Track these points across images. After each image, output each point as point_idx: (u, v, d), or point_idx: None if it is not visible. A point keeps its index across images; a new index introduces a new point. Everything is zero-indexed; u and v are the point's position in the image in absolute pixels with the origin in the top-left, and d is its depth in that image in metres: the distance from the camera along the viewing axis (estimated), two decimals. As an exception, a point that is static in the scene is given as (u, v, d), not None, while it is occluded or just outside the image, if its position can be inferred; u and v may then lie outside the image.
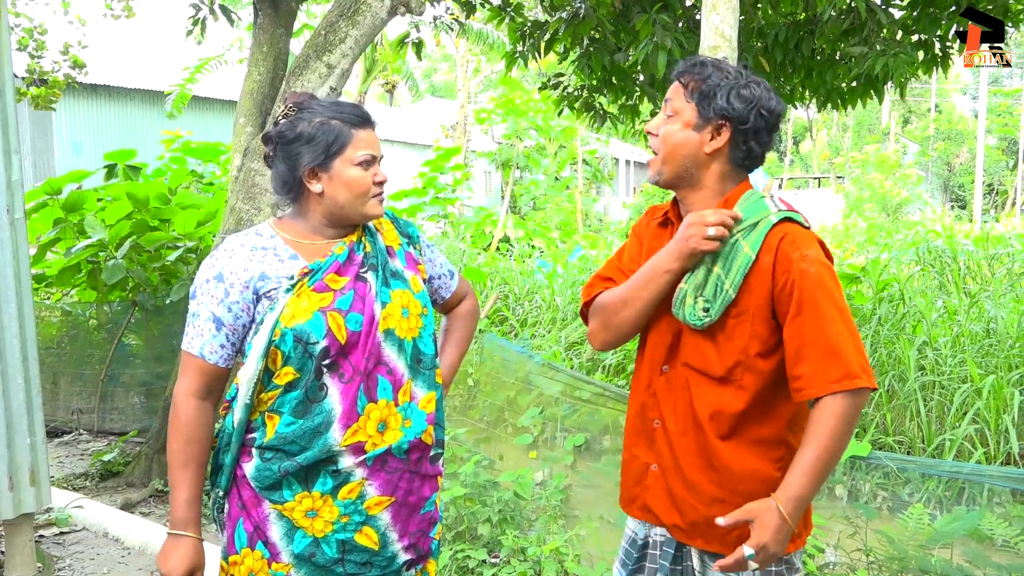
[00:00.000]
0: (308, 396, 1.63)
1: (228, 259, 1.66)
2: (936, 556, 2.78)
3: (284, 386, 1.64)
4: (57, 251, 6.52)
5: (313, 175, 1.68)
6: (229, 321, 1.65)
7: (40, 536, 3.90)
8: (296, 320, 1.60)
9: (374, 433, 1.66)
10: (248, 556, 1.66)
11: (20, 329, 3.02)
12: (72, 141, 16.59)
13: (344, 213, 1.70)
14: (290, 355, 1.61)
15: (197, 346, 1.66)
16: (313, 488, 1.65)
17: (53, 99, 8.28)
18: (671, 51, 4.77)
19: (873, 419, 4.69)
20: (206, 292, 1.66)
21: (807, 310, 1.53)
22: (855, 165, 26.23)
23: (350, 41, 4.68)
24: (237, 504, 1.69)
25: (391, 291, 1.71)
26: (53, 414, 6.13)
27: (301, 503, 1.65)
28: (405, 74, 18.74)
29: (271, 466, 1.65)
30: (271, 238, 1.71)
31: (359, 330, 1.64)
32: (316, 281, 1.65)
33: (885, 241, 11.67)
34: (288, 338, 1.60)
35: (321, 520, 1.65)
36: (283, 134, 1.68)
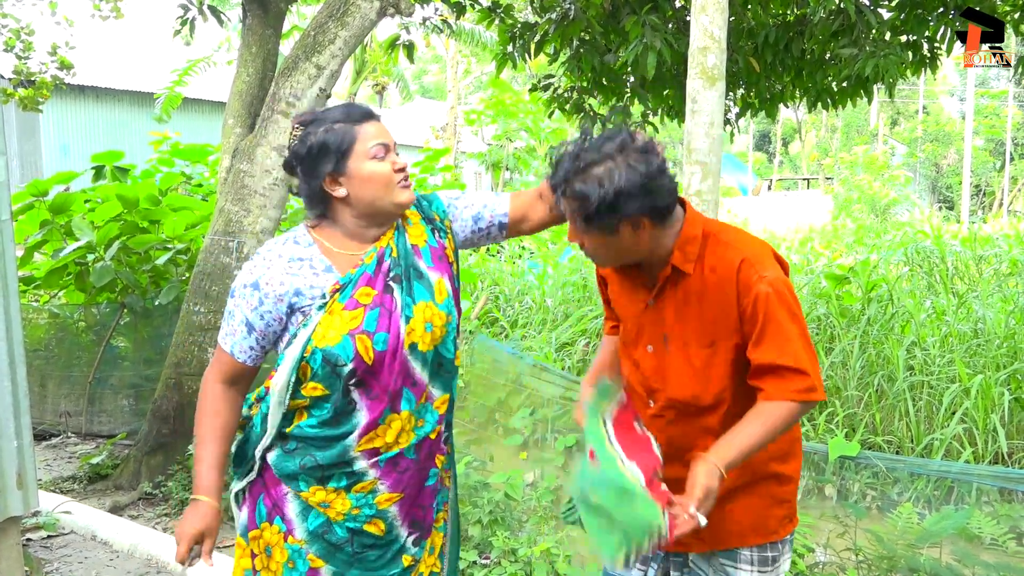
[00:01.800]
0: (337, 411, 1.70)
1: (266, 269, 1.71)
2: (925, 555, 2.80)
3: (312, 399, 1.71)
4: (45, 253, 6.47)
5: (333, 182, 1.70)
6: (260, 328, 1.72)
7: (27, 540, 3.87)
8: (326, 342, 1.65)
9: (392, 440, 1.74)
10: (267, 530, 1.75)
11: (7, 331, 3.00)
12: (60, 143, 16.50)
13: (376, 208, 1.72)
14: (318, 373, 1.67)
15: (229, 344, 1.75)
16: (328, 485, 1.73)
17: (40, 100, 8.23)
18: (661, 52, 4.78)
19: (862, 419, 4.71)
20: (242, 296, 1.72)
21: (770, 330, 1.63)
22: (844, 166, 26.35)
23: (339, 42, 4.67)
24: (259, 482, 1.78)
25: (414, 305, 1.73)
26: (41, 417, 6.09)
27: (315, 495, 1.73)
28: (395, 76, 18.73)
29: (292, 459, 1.73)
30: (308, 247, 1.74)
31: (385, 350, 1.69)
32: (347, 297, 1.69)
33: (874, 242, 11.72)
34: (318, 357, 1.66)
35: (333, 510, 1.74)
36: (297, 154, 1.72)
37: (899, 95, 35.38)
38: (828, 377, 5.02)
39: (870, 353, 5.05)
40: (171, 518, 4.27)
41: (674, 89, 6.22)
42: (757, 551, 1.79)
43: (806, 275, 7.40)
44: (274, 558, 1.75)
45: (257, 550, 1.77)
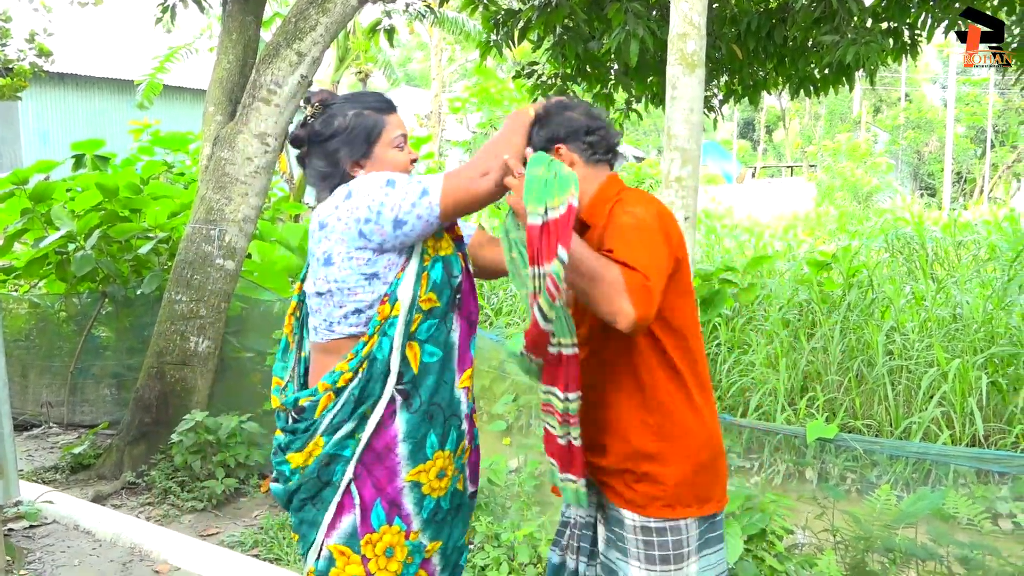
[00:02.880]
0: (447, 325, 1.76)
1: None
2: (901, 535, 2.84)
3: (425, 312, 1.72)
4: (25, 242, 6.42)
5: (356, 164, 1.77)
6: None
7: (9, 529, 3.85)
8: (445, 251, 1.75)
9: (470, 385, 1.82)
10: (387, 532, 1.73)
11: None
12: (39, 131, 16.32)
13: None
14: (436, 282, 1.73)
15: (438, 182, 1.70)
16: (447, 446, 1.76)
17: (19, 88, 8.14)
18: (644, 39, 4.78)
19: (842, 403, 4.76)
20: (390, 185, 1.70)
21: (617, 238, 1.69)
22: (827, 154, 26.49)
23: (320, 28, 4.64)
24: (371, 485, 1.71)
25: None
26: (22, 407, 6.05)
27: (436, 463, 1.75)
28: (381, 62, 18.57)
29: (421, 418, 1.72)
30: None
31: (463, 275, 1.81)
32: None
33: (856, 229, 11.81)
34: (439, 265, 1.73)
35: (447, 479, 1.78)
36: (319, 133, 1.77)
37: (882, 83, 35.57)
38: (809, 362, 5.08)
39: (850, 338, 5.11)
40: (154, 507, 4.26)
41: (657, 76, 6.24)
42: (640, 520, 1.77)
43: (788, 261, 7.45)
44: (395, 558, 1.73)
45: (373, 554, 1.72)
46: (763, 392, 4.84)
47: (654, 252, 1.63)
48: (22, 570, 3.49)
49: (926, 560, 2.80)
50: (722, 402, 5.15)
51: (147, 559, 3.63)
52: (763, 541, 2.79)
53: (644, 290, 1.55)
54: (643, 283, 1.56)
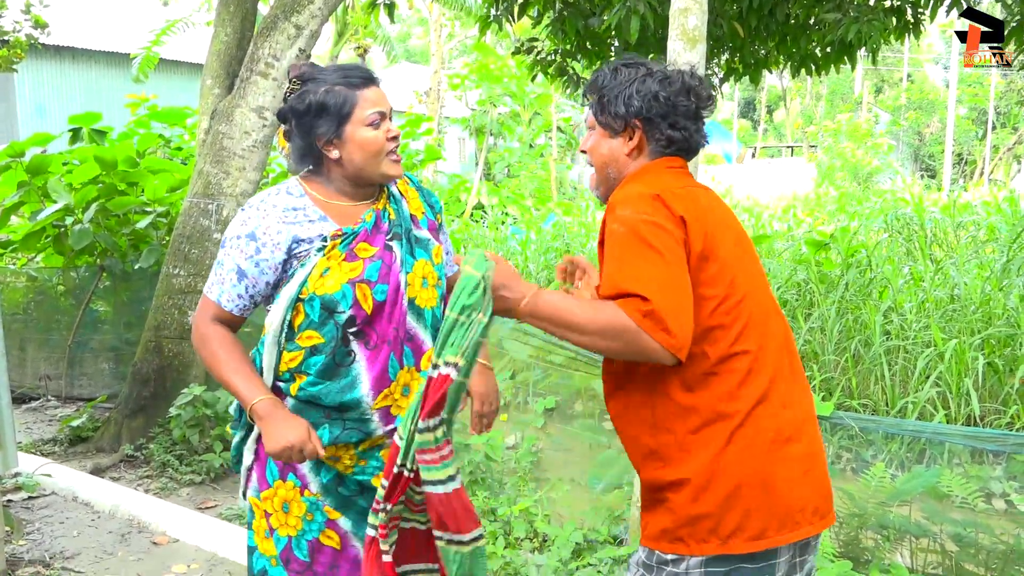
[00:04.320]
0: (336, 361, 1.71)
1: (261, 219, 1.72)
2: (895, 512, 2.86)
3: (308, 349, 1.71)
4: (22, 216, 6.39)
5: (328, 144, 1.73)
6: (253, 275, 1.72)
7: (8, 501, 3.87)
8: (325, 289, 1.68)
9: (399, 397, 1.77)
10: (281, 487, 1.78)
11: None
12: (35, 104, 16.21)
13: (364, 174, 1.76)
14: (313, 320, 1.69)
15: (216, 293, 1.75)
16: (339, 441, 1.75)
17: (15, 60, 8.06)
18: (644, 16, 4.74)
19: (839, 383, 4.78)
20: (236, 247, 1.72)
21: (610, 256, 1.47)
22: (827, 134, 26.37)
23: (319, 2, 4.60)
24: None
25: (415, 261, 1.79)
26: (20, 380, 6.06)
27: (332, 448, 1.77)
28: (381, 38, 18.45)
29: (313, 412, 1.74)
30: (300, 196, 1.77)
31: (385, 300, 1.72)
32: (346, 249, 1.71)
33: (855, 209, 11.79)
34: (316, 304, 1.68)
35: (342, 464, 1.78)
36: (295, 109, 1.73)
37: (884, 62, 35.35)
38: (806, 342, 5.08)
39: (848, 318, 5.11)
40: (152, 479, 4.28)
41: (658, 53, 6.18)
42: (644, 552, 1.55)
43: (787, 241, 7.45)
44: (292, 513, 1.78)
45: (272, 508, 1.78)
46: (760, 371, 4.84)
47: (646, 263, 1.39)
48: (21, 540, 3.51)
49: (920, 537, 2.82)
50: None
51: (145, 531, 3.65)
52: (758, 517, 2.81)
53: (649, 316, 1.34)
54: (640, 309, 1.34)
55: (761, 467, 1.47)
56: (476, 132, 19.52)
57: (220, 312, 1.75)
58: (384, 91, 1.79)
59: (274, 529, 1.79)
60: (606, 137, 1.64)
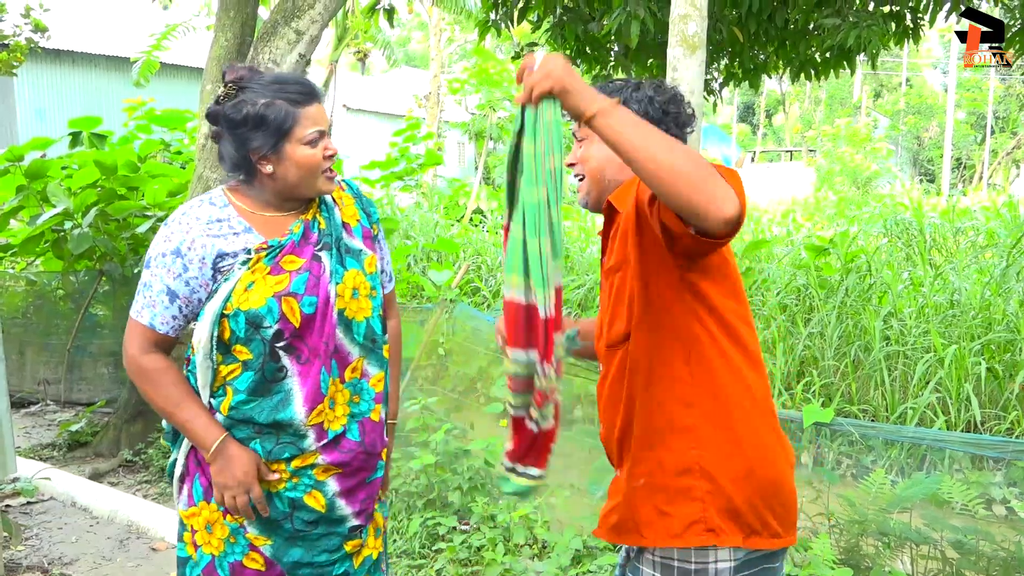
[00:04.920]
0: (266, 377, 1.66)
1: (185, 233, 1.66)
2: (895, 519, 2.85)
3: (243, 362, 1.67)
4: (21, 220, 6.39)
5: (264, 158, 1.67)
6: (185, 295, 1.66)
7: (6, 506, 3.86)
8: (249, 304, 1.62)
9: (327, 410, 1.70)
10: (204, 508, 1.72)
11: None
12: (35, 108, 16.22)
13: (297, 191, 1.71)
14: (239, 336, 1.64)
15: (147, 316, 1.68)
16: (272, 459, 1.70)
17: (15, 64, 8.07)
18: (644, 21, 4.75)
19: (839, 389, 4.77)
20: (162, 265, 1.66)
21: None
22: (826, 139, 26.41)
23: (319, 7, 4.60)
24: (194, 461, 1.74)
25: (344, 271, 1.73)
26: (19, 385, 6.05)
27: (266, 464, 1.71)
28: (381, 42, 18.46)
29: (244, 427, 1.69)
30: (224, 207, 1.71)
31: (314, 313, 1.66)
32: (272, 262, 1.66)
33: (854, 214, 11.80)
34: (240, 319, 1.62)
35: (276, 483, 1.71)
36: (229, 117, 1.65)
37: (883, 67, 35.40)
38: (806, 348, 5.08)
39: (847, 324, 5.11)
40: (151, 484, 4.28)
41: (658, 58, 6.20)
42: (660, 554, 1.50)
43: (787, 246, 7.45)
44: (215, 534, 1.73)
45: (196, 526, 1.74)
46: (760, 376, 4.84)
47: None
48: (19, 546, 3.50)
49: (920, 544, 2.81)
50: (718, 386, 5.16)
51: (144, 536, 3.64)
52: (758, 524, 2.80)
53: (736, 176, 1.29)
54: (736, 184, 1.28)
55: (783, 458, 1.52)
56: (476, 136, 19.54)
57: (155, 336, 1.68)
58: (324, 107, 1.73)
59: (199, 546, 1.75)
60: (599, 143, 1.60)
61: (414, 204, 12.06)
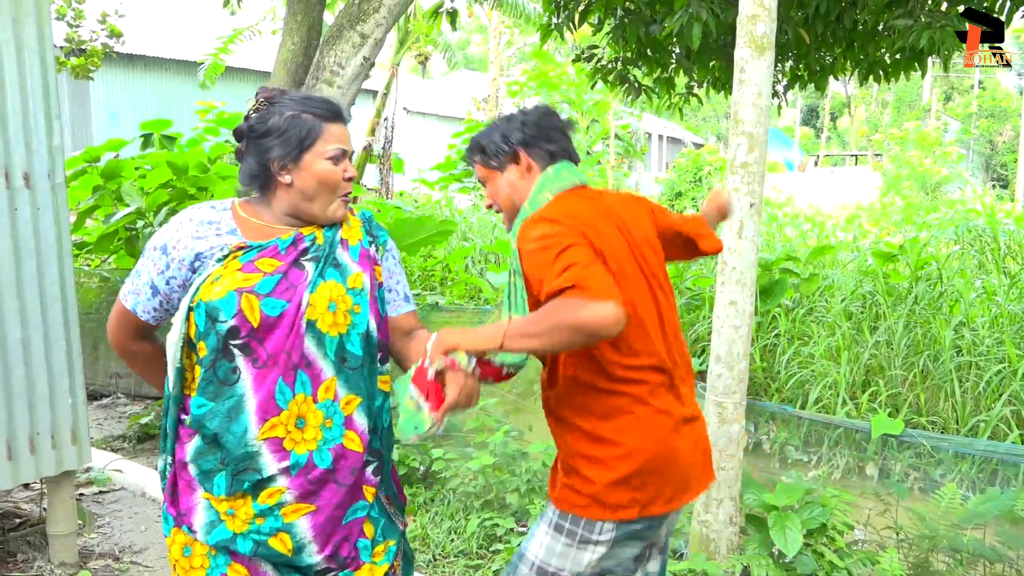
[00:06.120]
0: (219, 377, 1.61)
1: (175, 232, 1.68)
2: (969, 536, 2.76)
3: (200, 360, 1.63)
4: (96, 218, 6.62)
5: (284, 168, 1.67)
6: (164, 291, 1.69)
7: (80, 494, 4.00)
8: (210, 296, 1.59)
9: (293, 429, 1.62)
10: (178, 534, 1.68)
11: (62, 293, 3.09)
12: (109, 110, 16.79)
13: (310, 209, 1.69)
14: (200, 329, 1.61)
15: (131, 302, 1.72)
16: (235, 491, 1.62)
17: (91, 69, 8.37)
18: (706, 23, 4.69)
19: (906, 399, 4.64)
20: (150, 258, 1.69)
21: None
22: (894, 142, 25.71)
23: (384, 10, 4.66)
24: (169, 488, 1.70)
25: (322, 282, 1.66)
26: (92, 378, 6.26)
27: (222, 503, 1.63)
28: (442, 45, 18.62)
29: (208, 455, 1.64)
30: (223, 211, 1.72)
31: (277, 315, 1.60)
32: (247, 260, 1.63)
33: (923, 220, 11.45)
34: (201, 311, 1.60)
35: (238, 519, 1.63)
36: (254, 128, 1.68)
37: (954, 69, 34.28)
38: (872, 356, 4.95)
39: (916, 332, 4.96)
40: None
41: (720, 60, 6.11)
42: (554, 512, 1.82)
43: (852, 252, 7.27)
44: (196, 552, 1.67)
45: (175, 555, 1.70)
46: (823, 385, 4.74)
47: (567, 256, 1.62)
48: (92, 533, 3.63)
49: (995, 562, 2.71)
50: (780, 394, 5.06)
51: (209, 528, 3.73)
52: (823, 536, 2.74)
53: (588, 290, 1.54)
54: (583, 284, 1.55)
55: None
56: (534, 139, 19.48)
57: (137, 321, 1.73)
58: (349, 132, 1.75)
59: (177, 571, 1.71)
60: (500, 177, 1.90)
61: (472, 206, 12.12)
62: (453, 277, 7.37)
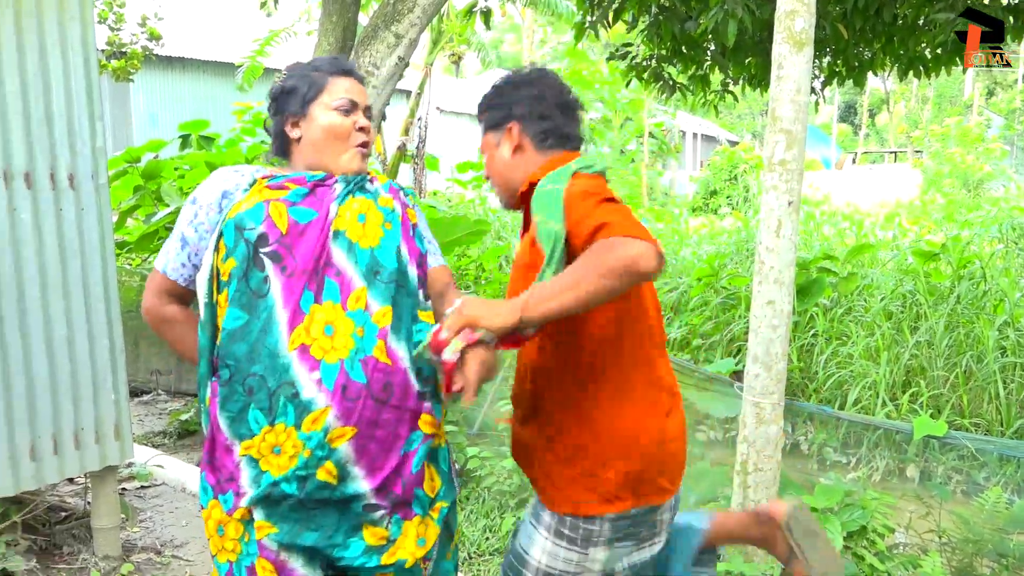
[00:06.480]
0: (251, 287, 1.59)
1: (205, 184, 1.72)
2: (1015, 540, 2.70)
3: (228, 278, 1.61)
4: (137, 218, 6.74)
5: (294, 124, 1.74)
6: (193, 241, 1.69)
7: (123, 489, 4.08)
8: (238, 210, 1.62)
9: (320, 335, 1.56)
10: (214, 508, 1.64)
11: (105, 292, 3.15)
12: (148, 112, 17.08)
13: (323, 160, 1.72)
14: (228, 245, 1.60)
15: (162, 263, 1.73)
16: (276, 420, 1.55)
17: (132, 71, 8.52)
18: (742, 19, 4.64)
19: (948, 400, 4.55)
20: (183, 215, 1.72)
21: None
22: (934, 139, 25.21)
23: (418, 10, 4.68)
24: (206, 457, 1.66)
25: (353, 197, 1.68)
26: (134, 374, 6.38)
27: (265, 439, 1.56)
28: (476, 45, 18.66)
29: (235, 394, 1.58)
30: (249, 167, 1.77)
31: (306, 223, 1.62)
32: (275, 182, 1.68)
33: (965, 218, 11.22)
34: (229, 226, 1.61)
35: (285, 456, 1.55)
36: (271, 93, 1.78)
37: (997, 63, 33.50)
38: (913, 356, 4.87)
39: (959, 333, 4.87)
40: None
41: (756, 57, 6.05)
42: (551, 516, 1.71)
43: (892, 251, 7.15)
44: (227, 536, 1.62)
45: (210, 532, 1.65)
46: (862, 385, 4.67)
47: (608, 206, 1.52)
48: (135, 527, 3.70)
49: (1041, 567, 2.65)
50: (818, 394, 5.00)
51: (247, 524, 3.78)
52: (863, 539, 2.70)
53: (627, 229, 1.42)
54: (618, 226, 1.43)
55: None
56: (567, 138, 19.46)
57: (165, 282, 1.72)
58: (363, 88, 1.78)
59: (214, 555, 1.65)
60: (492, 148, 1.82)
61: (505, 205, 12.13)
62: (487, 276, 7.39)
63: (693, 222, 12.10)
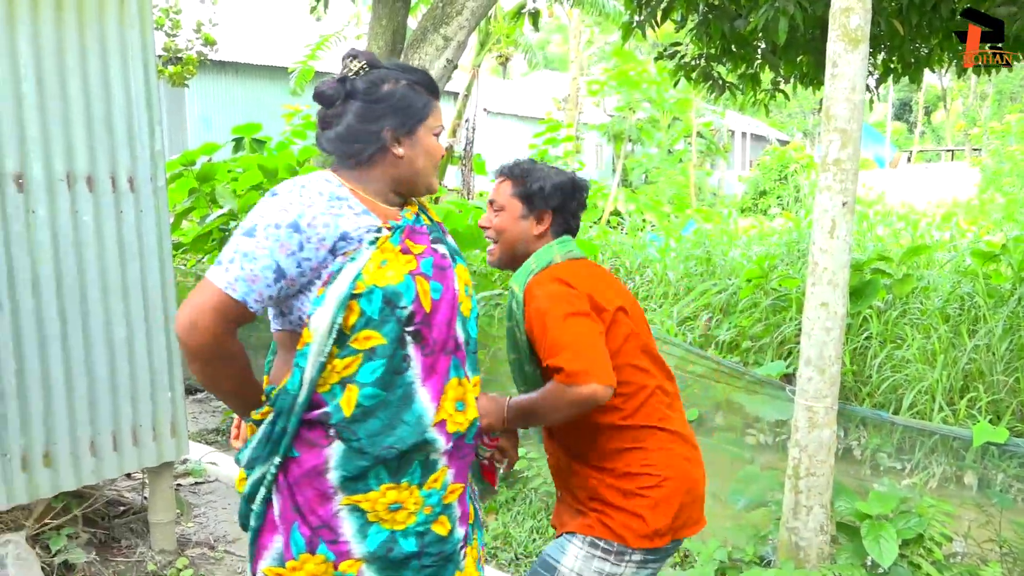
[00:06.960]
0: (394, 367, 1.51)
1: (307, 207, 1.49)
2: (1080, 551, 2.61)
3: (365, 352, 1.49)
4: (192, 220, 6.91)
5: (396, 139, 1.61)
6: (293, 275, 1.48)
7: (178, 485, 4.18)
8: (387, 280, 1.48)
9: (453, 412, 1.60)
10: (308, 561, 1.52)
11: (162, 293, 3.23)
12: (203, 116, 17.46)
13: (414, 181, 1.66)
14: (372, 318, 1.47)
15: (242, 290, 1.45)
16: (402, 479, 1.54)
17: (187, 76, 8.73)
18: (793, 16, 4.57)
19: (1009, 406, 4.41)
20: (274, 238, 1.46)
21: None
22: (994, 136, 24.47)
23: (467, 13, 4.71)
24: (291, 507, 1.53)
25: (456, 265, 1.68)
26: (188, 373, 6.52)
27: (385, 495, 1.53)
28: (523, 46, 18.67)
29: (364, 453, 1.51)
30: (340, 186, 1.57)
31: (440, 300, 1.58)
32: (398, 242, 1.55)
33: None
34: (376, 297, 1.47)
35: (404, 512, 1.55)
36: (361, 91, 1.58)
37: (1061, 58, 32.44)
38: (971, 360, 4.73)
39: (1019, 336, 4.72)
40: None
41: (807, 55, 5.95)
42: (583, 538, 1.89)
43: (949, 252, 6.97)
44: None
45: None
46: (918, 390, 4.55)
47: (572, 324, 1.75)
48: (189, 522, 3.78)
49: (1108, 580, 2.56)
50: (872, 399, 4.89)
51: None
52: (920, 547, 2.64)
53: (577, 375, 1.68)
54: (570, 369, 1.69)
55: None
56: (614, 138, 19.40)
57: (241, 313, 1.46)
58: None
59: None
60: (516, 219, 1.97)
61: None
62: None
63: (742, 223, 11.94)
